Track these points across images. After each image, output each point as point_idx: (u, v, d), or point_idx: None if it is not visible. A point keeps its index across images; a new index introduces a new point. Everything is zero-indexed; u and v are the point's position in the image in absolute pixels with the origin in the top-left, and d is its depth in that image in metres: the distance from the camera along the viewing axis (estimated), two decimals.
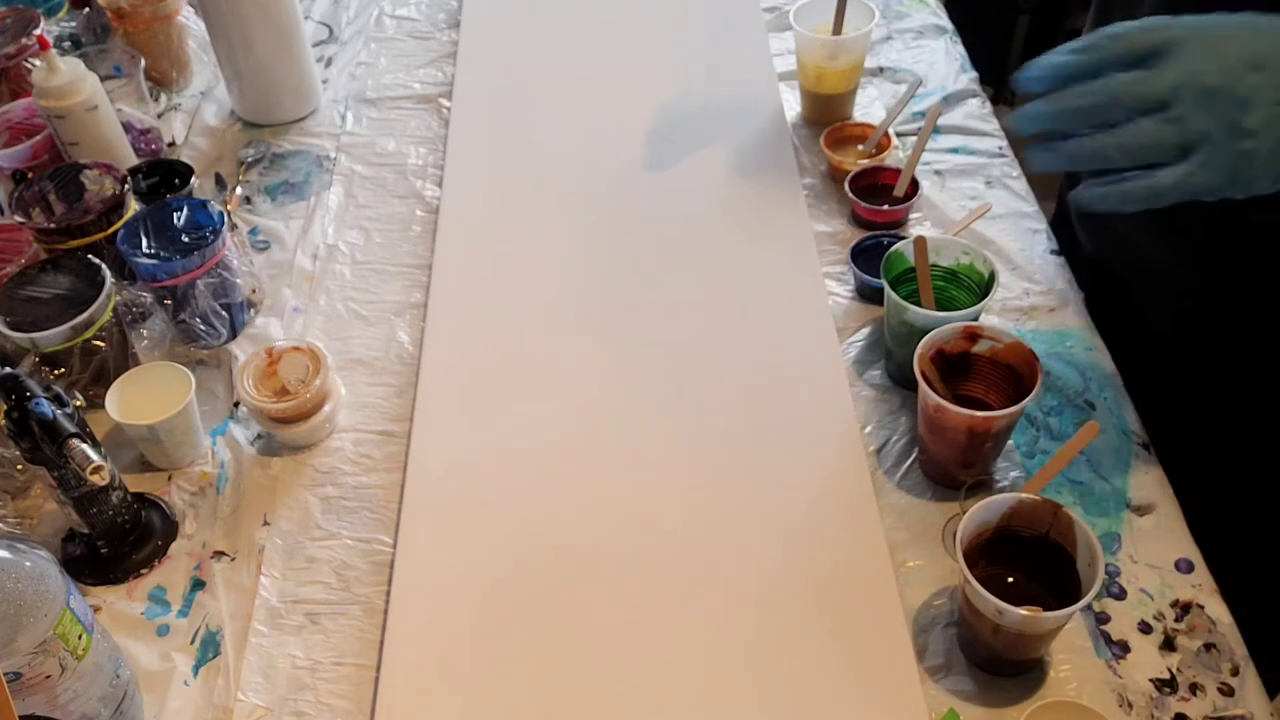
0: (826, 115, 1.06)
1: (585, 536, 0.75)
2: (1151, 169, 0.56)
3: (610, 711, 0.66)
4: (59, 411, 0.68)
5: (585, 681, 0.68)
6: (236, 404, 0.86)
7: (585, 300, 0.92)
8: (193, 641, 0.72)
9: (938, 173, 1.02)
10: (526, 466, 0.80)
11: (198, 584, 0.75)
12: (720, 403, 0.83)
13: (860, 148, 1.02)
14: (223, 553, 0.77)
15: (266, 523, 0.78)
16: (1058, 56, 0.57)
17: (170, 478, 0.81)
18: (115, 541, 0.75)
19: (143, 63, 1.07)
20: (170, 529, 0.78)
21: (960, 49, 1.17)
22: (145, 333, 0.90)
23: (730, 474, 0.78)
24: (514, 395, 0.85)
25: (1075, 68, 0.57)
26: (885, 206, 0.94)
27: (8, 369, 0.70)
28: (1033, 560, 0.66)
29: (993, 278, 0.79)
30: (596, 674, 0.68)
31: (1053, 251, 0.93)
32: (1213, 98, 0.54)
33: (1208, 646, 0.68)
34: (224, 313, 0.88)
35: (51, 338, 0.79)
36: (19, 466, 0.79)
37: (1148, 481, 0.76)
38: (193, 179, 0.96)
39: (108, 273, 0.83)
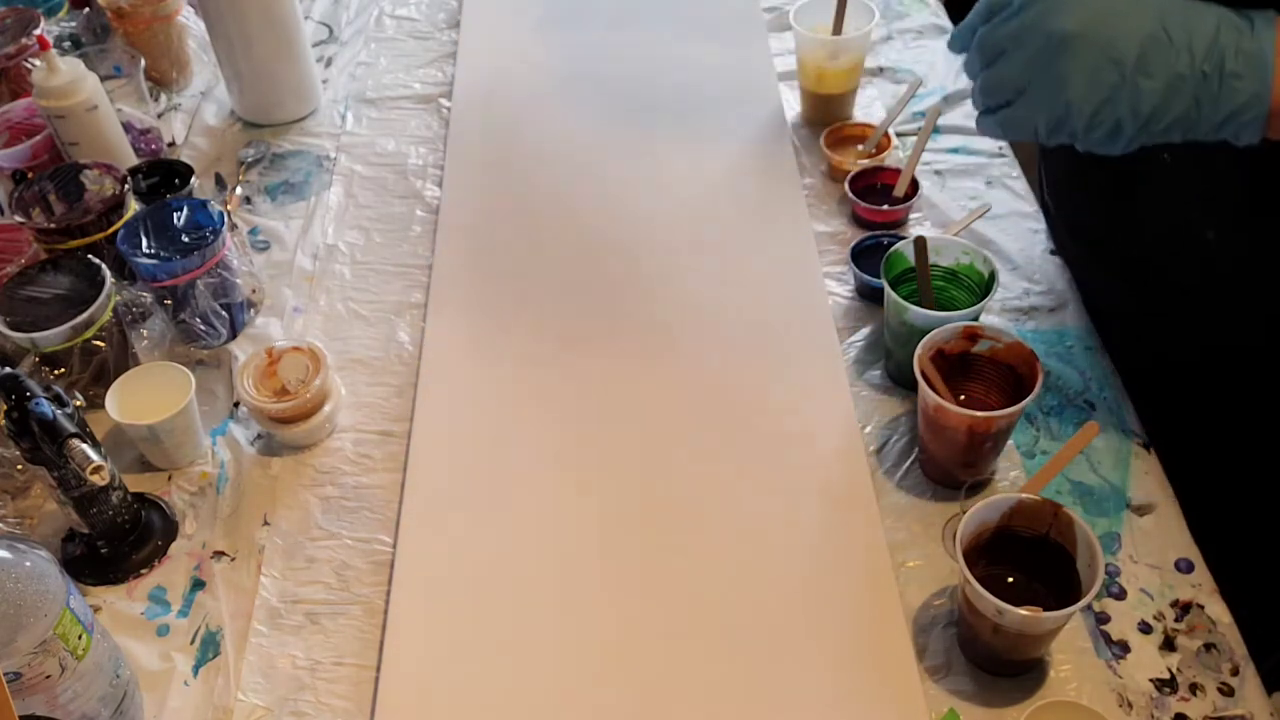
0: (826, 115, 1.06)
1: (584, 533, 0.75)
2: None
3: (610, 710, 0.66)
4: (59, 411, 0.68)
5: (585, 680, 0.68)
6: (236, 404, 0.86)
7: (586, 298, 0.92)
8: (193, 641, 0.72)
9: (938, 173, 1.02)
10: (525, 464, 0.80)
11: (198, 584, 0.75)
12: (720, 402, 0.83)
13: (860, 148, 1.02)
14: (223, 553, 0.77)
15: (266, 523, 0.78)
16: (965, 21, 0.67)
17: (170, 478, 0.81)
18: (115, 541, 0.75)
19: (143, 63, 1.07)
20: (170, 529, 0.78)
21: None
22: (145, 333, 0.90)
23: (730, 473, 0.78)
24: (513, 393, 0.85)
25: (971, 24, 0.66)
26: (885, 206, 0.94)
27: (8, 369, 0.70)
28: (1033, 560, 0.66)
29: (993, 278, 0.79)
30: (596, 672, 0.68)
31: (1052, 251, 0.93)
32: (1039, 51, 0.61)
33: (1208, 646, 0.68)
34: (224, 313, 0.88)
35: (51, 338, 0.79)
36: (19, 466, 0.79)
37: (1148, 481, 0.76)
38: (193, 179, 0.96)
39: (108, 273, 0.83)
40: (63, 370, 0.81)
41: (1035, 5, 0.62)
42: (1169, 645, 0.68)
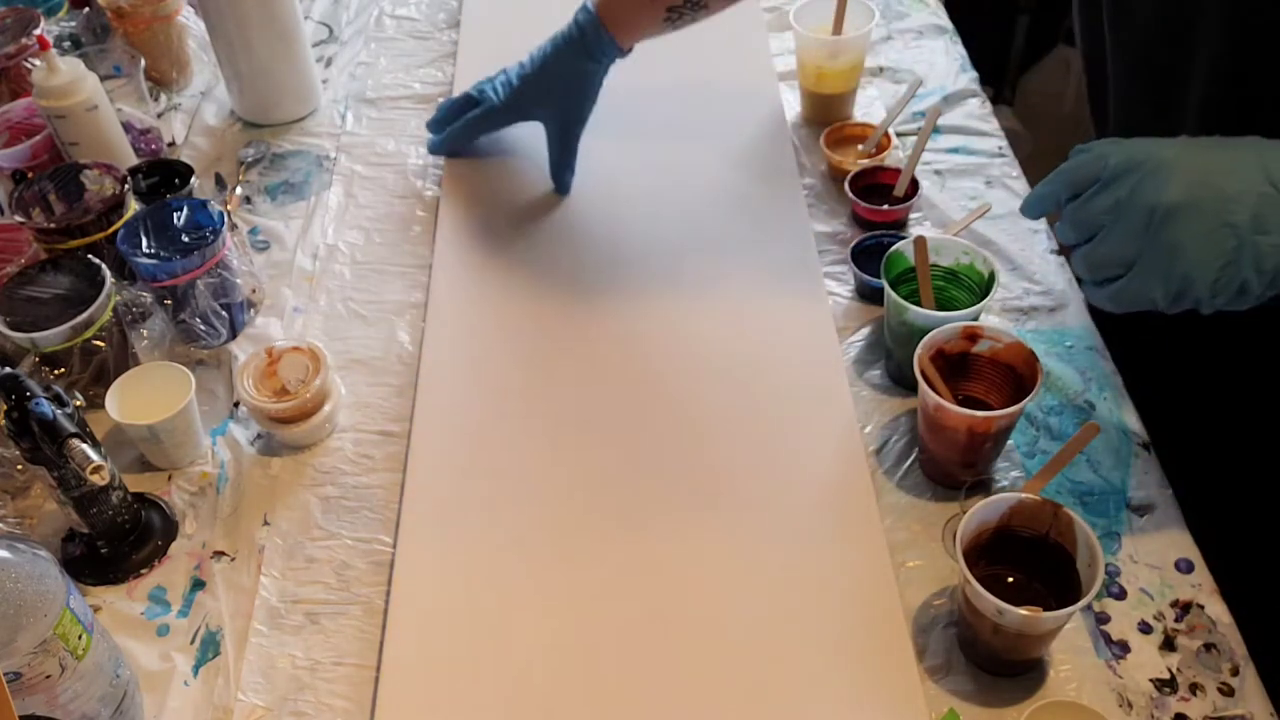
0: (826, 115, 1.06)
1: (585, 534, 0.75)
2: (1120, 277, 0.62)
3: (610, 711, 0.66)
4: (59, 411, 0.68)
5: (585, 680, 0.68)
6: (236, 404, 0.86)
7: (585, 297, 0.92)
8: (193, 641, 0.72)
9: (938, 173, 1.02)
10: (526, 465, 0.80)
11: (198, 584, 0.75)
12: (720, 402, 0.83)
13: (860, 148, 1.02)
14: (223, 553, 0.77)
15: (266, 523, 0.78)
16: (1039, 189, 0.65)
17: (170, 478, 0.81)
18: (115, 541, 0.75)
19: (143, 63, 1.07)
20: (170, 529, 0.78)
21: (960, 49, 1.17)
22: (145, 333, 0.90)
23: (730, 473, 0.78)
24: (514, 394, 0.85)
25: (1053, 194, 0.64)
26: (885, 206, 0.94)
27: (8, 369, 0.70)
28: (1033, 560, 0.66)
29: (993, 278, 0.79)
30: (596, 673, 0.68)
31: (1053, 251, 0.93)
32: (1144, 225, 0.59)
33: (1208, 646, 0.68)
34: (224, 313, 0.88)
35: (51, 338, 0.79)
36: (19, 466, 0.79)
37: (1148, 481, 0.76)
38: (193, 179, 0.96)
39: (108, 273, 0.83)
40: (63, 370, 0.81)
41: (1128, 178, 0.59)
42: (1169, 645, 0.68)
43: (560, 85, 0.96)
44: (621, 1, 0.93)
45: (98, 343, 0.82)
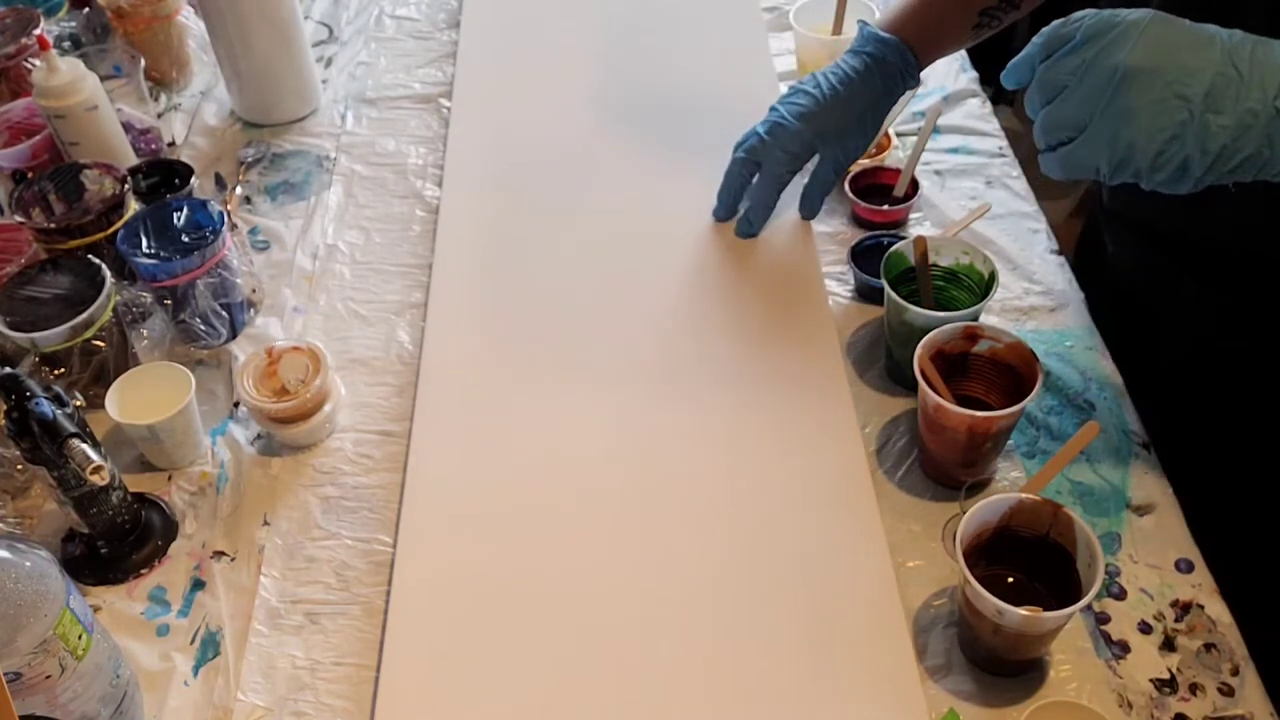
0: None
1: (584, 535, 0.75)
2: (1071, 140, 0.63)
3: (610, 711, 0.66)
4: (59, 411, 0.68)
5: (585, 681, 0.68)
6: (236, 404, 0.86)
7: (585, 298, 0.92)
8: (193, 641, 0.72)
9: (938, 173, 1.02)
10: (526, 465, 0.80)
11: (198, 584, 0.75)
12: (720, 402, 0.83)
13: None
14: (223, 553, 0.77)
15: (266, 523, 0.78)
16: (1018, 56, 0.65)
17: (170, 478, 0.81)
18: (115, 541, 0.75)
19: (143, 63, 1.07)
20: (170, 529, 0.78)
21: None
22: (145, 333, 0.90)
23: (730, 474, 0.78)
24: (514, 394, 0.85)
25: (1028, 58, 0.65)
26: (885, 206, 0.94)
27: (8, 369, 0.70)
28: (1033, 560, 0.66)
29: (993, 278, 0.79)
30: (596, 674, 0.68)
31: (1053, 251, 0.93)
32: (1101, 87, 0.59)
33: (1208, 646, 0.68)
34: (224, 313, 0.88)
35: (51, 338, 0.79)
36: (19, 466, 0.79)
37: (1148, 481, 0.76)
38: (193, 179, 0.96)
39: (108, 273, 0.83)
40: (63, 370, 0.81)
41: (1096, 40, 0.59)
42: (1169, 645, 0.68)
43: (856, 122, 0.89)
44: (928, 15, 0.88)
45: (98, 343, 0.82)
